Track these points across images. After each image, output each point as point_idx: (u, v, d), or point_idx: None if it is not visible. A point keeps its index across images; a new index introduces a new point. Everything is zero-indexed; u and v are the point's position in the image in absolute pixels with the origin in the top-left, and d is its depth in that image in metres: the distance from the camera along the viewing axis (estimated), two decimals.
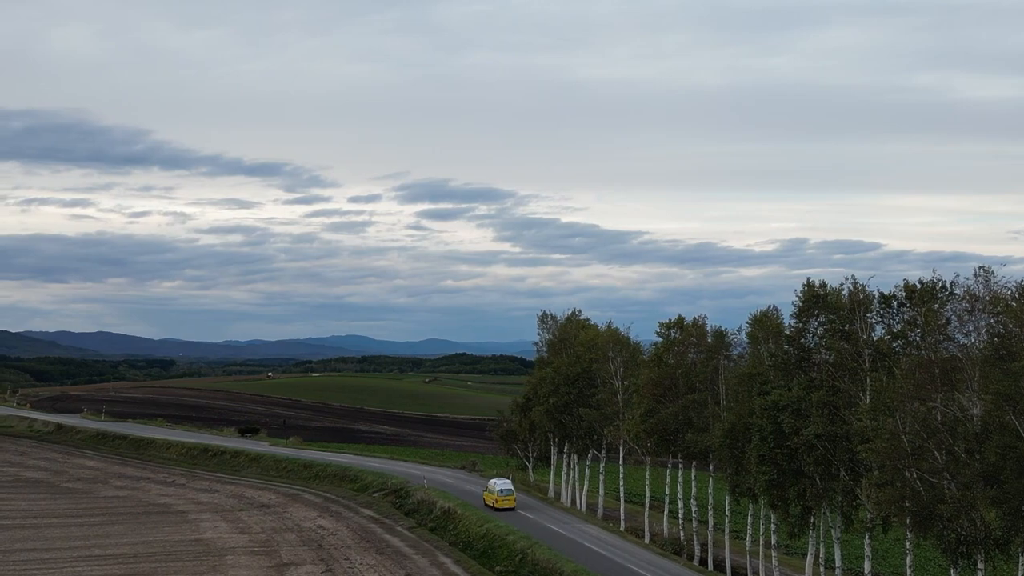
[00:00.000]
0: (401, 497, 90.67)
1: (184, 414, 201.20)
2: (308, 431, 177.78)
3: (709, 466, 70.37)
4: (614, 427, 79.21)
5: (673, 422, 68.66)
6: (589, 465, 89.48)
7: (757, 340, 62.18)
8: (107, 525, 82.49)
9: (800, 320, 56.86)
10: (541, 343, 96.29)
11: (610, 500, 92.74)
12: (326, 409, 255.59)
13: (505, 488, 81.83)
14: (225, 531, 79.38)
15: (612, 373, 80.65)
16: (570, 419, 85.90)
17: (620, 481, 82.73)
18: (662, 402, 69.58)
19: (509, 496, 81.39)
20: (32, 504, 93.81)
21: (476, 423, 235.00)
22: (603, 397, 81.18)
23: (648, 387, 70.66)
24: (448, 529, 77.40)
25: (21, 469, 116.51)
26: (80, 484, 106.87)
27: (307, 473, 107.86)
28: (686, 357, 70.56)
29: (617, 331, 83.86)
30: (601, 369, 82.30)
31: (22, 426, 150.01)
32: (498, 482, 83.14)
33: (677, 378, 69.50)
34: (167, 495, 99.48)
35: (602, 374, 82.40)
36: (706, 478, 73.37)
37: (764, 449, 55.22)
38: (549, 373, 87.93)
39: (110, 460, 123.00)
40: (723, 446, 61.68)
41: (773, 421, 54.57)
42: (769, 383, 57.29)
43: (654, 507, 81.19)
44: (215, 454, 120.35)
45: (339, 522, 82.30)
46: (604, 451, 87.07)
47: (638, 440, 74.07)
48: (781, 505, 57.16)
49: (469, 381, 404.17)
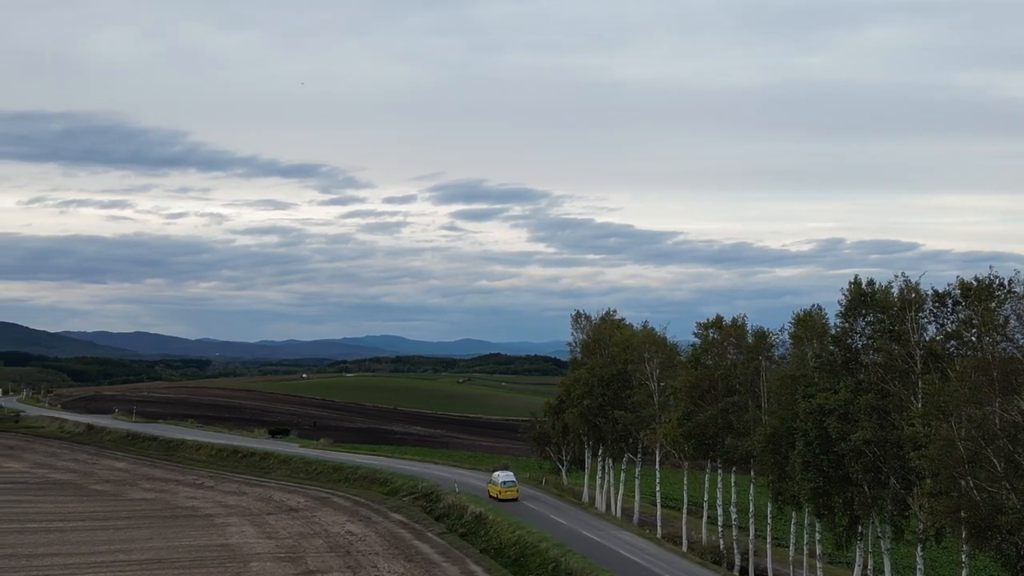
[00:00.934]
0: (432, 501, 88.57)
1: (217, 414, 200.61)
2: (341, 432, 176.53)
3: (750, 471, 67.65)
4: (650, 430, 76.64)
5: (712, 426, 65.99)
6: (624, 469, 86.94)
7: (801, 341, 59.48)
8: (133, 529, 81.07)
9: (846, 320, 54.14)
10: (575, 343, 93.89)
11: (646, 504, 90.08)
12: (359, 409, 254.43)
13: (508, 480, 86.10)
14: (252, 536, 77.66)
15: (648, 375, 78.09)
16: (605, 422, 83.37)
17: (656, 485, 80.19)
18: (700, 405, 66.94)
19: (512, 487, 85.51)
20: (59, 507, 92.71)
21: (509, 424, 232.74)
22: (639, 399, 78.61)
23: (686, 389, 68.04)
24: (479, 535, 75.19)
25: (50, 471, 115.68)
26: (108, 486, 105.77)
27: (337, 476, 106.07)
28: (725, 358, 67.88)
29: (653, 331, 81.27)
30: (637, 370, 79.73)
31: (53, 427, 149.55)
32: (501, 474, 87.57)
33: (716, 380, 66.84)
34: (195, 498, 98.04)
35: (638, 375, 79.83)
36: (746, 482, 70.65)
37: (809, 455, 52.52)
38: (583, 374, 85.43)
39: (140, 462, 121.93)
40: (765, 451, 58.97)
41: (819, 426, 51.87)
42: (814, 386, 54.58)
43: (692, 512, 78.59)
44: (245, 456, 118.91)
45: (368, 527, 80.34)
46: (640, 454, 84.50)
47: (675, 444, 71.45)
48: (827, 514, 54.43)
49: (503, 382, 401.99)
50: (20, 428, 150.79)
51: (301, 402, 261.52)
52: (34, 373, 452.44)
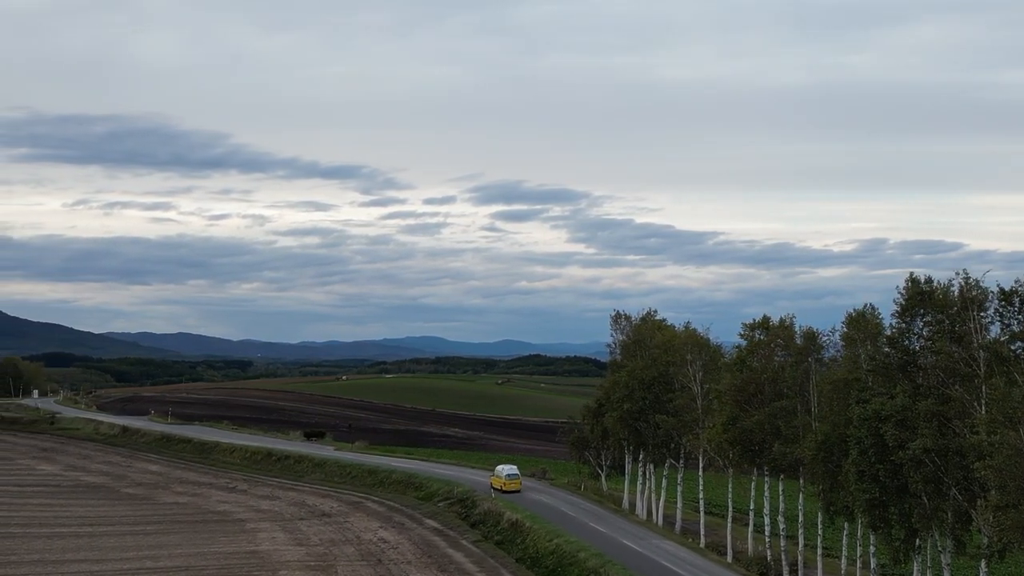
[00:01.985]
0: (467, 507, 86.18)
1: (254, 416, 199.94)
2: (378, 433, 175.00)
3: (799, 478, 64.38)
4: (693, 435, 73.60)
5: (759, 431, 62.76)
6: (666, 475, 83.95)
7: (853, 342, 56.24)
8: (163, 534, 79.50)
9: (903, 320, 50.84)
10: (614, 345, 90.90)
11: (688, 511, 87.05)
12: (398, 411, 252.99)
13: (512, 473, 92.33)
14: (282, 542, 75.73)
15: (691, 377, 75.00)
16: (645, 426, 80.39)
17: (699, 492, 77.15)
18: (746, 409, 63.73)
19: (515, 480, 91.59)
20: (90, 511, 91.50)
21: (548, 426, 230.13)
22: (681, 403, 75.53)
23: (730, 393, 64.84)
24: (515, 543, 72.67)
25: (83, 473, 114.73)
26: (140, 489, 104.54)
27: (371, 480, 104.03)
28: (772, 360, 64.65)
29: (696, 332, 78.10)
30: (679, 373, 76.65)
31: (88, 428, 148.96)
32: (505, 468, 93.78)
33: (763, 383, 63.58)
34: (227, 502, 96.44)
35: (680, 378, 76.76)
36: (795, 489, 67.46)
37: (864, 464, 49.29)
38: (623, 377, 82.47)
39: (173, 464, 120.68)
40: (816, 460, 55.77)
41: (874, 433, 48.65)
42: (868, 390, 51.38)
43: (737, 520, 75.44)
44: (279, 459, 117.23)
45: (401, 534, 78.08)
46: (682, 460, 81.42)
47: (720, 450, 68.33)
48: (883, 526, 51.16)
49: (542, 383, 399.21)
50: (56, 430, 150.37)
51: (339, 403, 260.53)
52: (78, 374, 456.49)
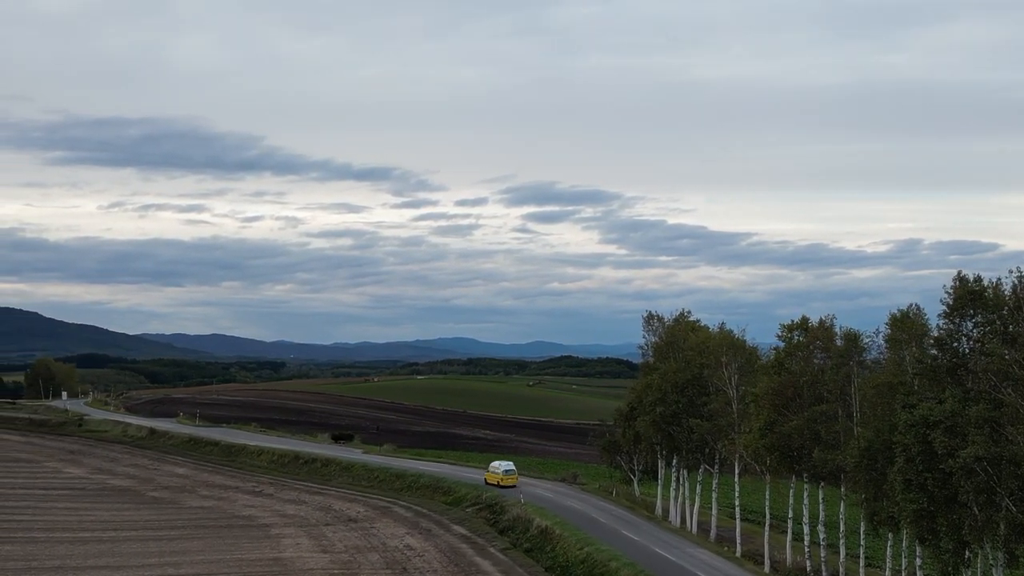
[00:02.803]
0: (496, 513, 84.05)
1: (284, 418, 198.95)
2: (408, 436, 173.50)
3: (840, 486, 61.72)
4: (729, 441, 71.09)
5: (798, 437, 60.28)
6: (700, 480, 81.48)
7: (898, 344, 53.66)
8: (186, 540, 77.96)
9: (951, 320, 48.32)
10: (646, 346, 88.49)
11: (724, 518, 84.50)
12: (429, 413, 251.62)
13: (509, 469, 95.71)
14: (306, 549, 73.92)
15: (726, 380, 72.52)
16: (679, 430, 77.96)
17: (735, 499, 74.65)
18: (784, 414, 61.24)
19: (512, 475, 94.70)
20: (114, 515, 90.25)
21: (580, 428, 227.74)
22: (716, 407, 73.08)
23: (768, 396, 62.32)
24: (545, 551, 70.41)
25: (109, 476, 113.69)
26: (166, 493, 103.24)
27: (399, 484, 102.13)
28: (811, 363, 62.08)
29: (731, 333, 75.63)
30: (714, 376, 74.16)
31: (116, 431, 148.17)
32: (502, 464, 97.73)
33: (802, 387, 61.09)
34: (253, 506, 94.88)
35: (715, 381, 74.28)
36: (836, 496, 64.86)
37: (911, 473, 46.77)
38: (655, 380, 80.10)
39: (200, 467, 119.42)
40: (859, 467, 53.25)
41: (922, 440, 46.14)
42: (915, 394, 48.85)
43: (775, 527, 72.89)
44: (306, 462, 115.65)
45: (428, 541, 76.05)
46: (717, 465, 78.88)
47: (757, 456, 65.80)
48: (931, 538, 48.56)
49: (574, 384, 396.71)
50: (84, 432, 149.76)
51: (370, 405, 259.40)
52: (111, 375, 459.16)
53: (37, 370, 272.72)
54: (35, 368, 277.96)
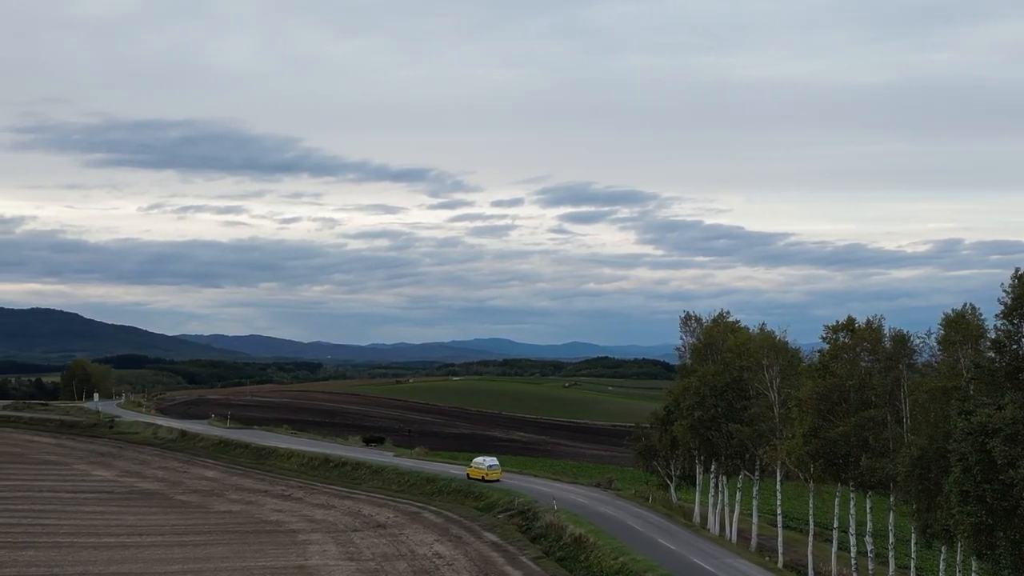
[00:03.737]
0: (528, 520, 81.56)
1: (318, 419, 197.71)
2: (442, 438, 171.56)
3: (889, 495, 58.55)
4: (771, 447, 68.11)
5: (844, 443, 57.28)
6: (740, 487, 78.51)
7: (952, 346, 50.59)
8: (212, 546, 76.22)
9: (1010, 321, 45.31)
10: (684, 348, 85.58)
11: (765, 526, 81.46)
12: (463, 414, 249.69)
13: (493, 464, 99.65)
14: (333, 556, 71.85)
15: (767, 384, 69.57)
16: (718, 436, 75.08)
17: (777, 507, 71.64)
18: (830, 419, 58.26)
19: (495, 470, 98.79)
20: (141, 519, 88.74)
21: (616, 430, 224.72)
22: (757, 411, 70.15)
23: (812, 401, 59.34)
24: (578, 560, 67.87)
25: (139, 479, 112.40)
26: (194, 497, 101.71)
27: (430, 488, 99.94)
28: (858, 366, 59.01)
29: (772, 335, 72.63)
30: (754, 379, 71.23)
31: (147, 433, 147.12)
32: (486, 459, 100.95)
33: (848, 391, 58.07)
34: (281, 511, 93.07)
35: (755, 384, 71.35)
36: (884, 504, 61.76)
37: (968, 484, 43.80)
38: (693, 383, 77.25)
39: (230, 470, 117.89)
40: (911, 477, 50.23)
41: (980, 448, 43.18)
42: (971, 400, 45.83)
43: (819, 536, 69.84)
44: (336, 465, 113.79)
45: (457, 548, 73.72)
46: (758, 472, 75.85)
47: (800, 464, 62.78)
48: (989, 553, 45.51)
49: (610, 385, 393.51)
50: (114, 434, 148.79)
51: (404, 406, 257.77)
52: (149, 376, 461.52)
53: (73, 371, 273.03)
54: (71, 369, 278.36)
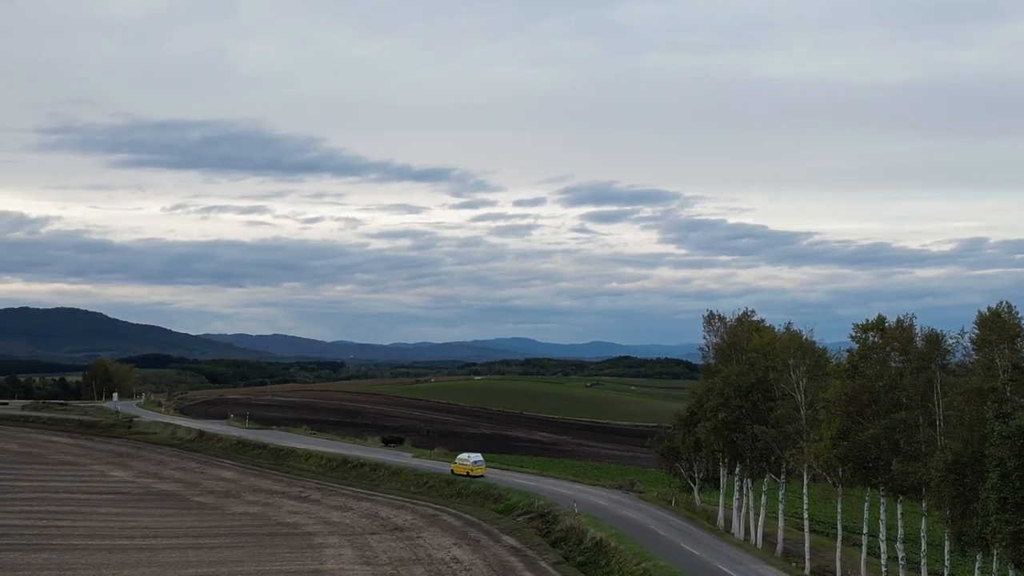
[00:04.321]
0: (548, 523, 79.88)
1: (337, 419, 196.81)
2: (463, 438, 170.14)
3: (922, 501, 56.41)
4: (797, 449, 66.07)
5: (874, 447, 55.24)
6: (765, 491, 76.52)
7: (988, 345, 48.55)
8: (227, 549, 74.96)
9: None
10: (707, 347, 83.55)
11: (791, 530, 79.44)
12: (485, 414, 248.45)
13: (477, 460, 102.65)
14: (348, 560, 70.41)
15: (794, 384, 67.57)
16: (743, 437, 73.10)
17: (804, 511, 69.62)
18: (859, 421, 56.22)
19: (480, 466, 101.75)
20: (156, 520, 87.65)
21: (638, 430, 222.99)
22: (783, 413, 68.14)
23: (840, 402, 57.29)
24: (599, 565, 66.16)
25: (156, 480, 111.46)
26: (211, 498, 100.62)
27: (449, 490, 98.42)
28: (888, 366, 56.92)
29: (799, 334, 70.55)
30: (780, 379, 69.20)
31: (166, 433, 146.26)
32: (471, 456, 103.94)
33: (877, 392, 56.02)
34: (298, 513, 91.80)
35: (781, 385, 69.34)
36: (916, 509, 59.67)
37: (1007, 490, 41.82)
38: (717, 383, 75.29)
39: (247, 471, 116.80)
40: (945, 482, 48.20)
41: (1019, 453, 41.19)
42: (1009, 402, 43.82)
43: (847, 540, 67.79)
44: (354, 466, 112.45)
45: (475, 553, 72.13)
46: (784, 475, 73.78)
47: (828, 467, 60.68)
48: None
49: (632, 385, 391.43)
50: (132, 434, 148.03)
51: (425, 406, 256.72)
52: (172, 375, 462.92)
53: (95, 371, 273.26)
54: (93, 369, 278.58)
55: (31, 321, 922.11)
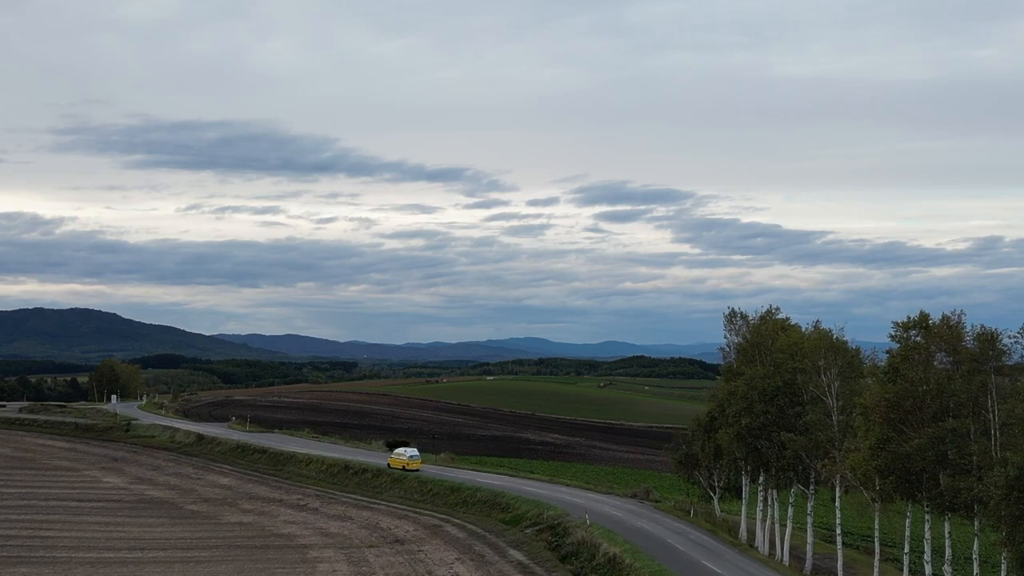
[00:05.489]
0: (558, 535, 74.51)
1: (344, 421, 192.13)
2: (473, 441, 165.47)
3: (975, 519, 50.76)
4: (829, 459, 60.51)
5: (920, 459, 49.70)
6: (792, 503, 70.98)
7: None
8: (215, 563, 70.04)
9: None
10: (728, 348, 78.02)
11: (821, 543, 73.86)
12: (496, 415, 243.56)
13: (413, 455, 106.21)
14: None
15: (825, 388, 62.04)
16: (768, 445, 67.54)
17: (837, 526, 64.07)
18: (901, 430, 50.68)
19: (416, 460, 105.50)
20: (146, 531, 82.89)
21: (652, 432, 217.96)
22: (812, 419, 62.58)
23: (880, 408, 51.69)
24: None
25: (149, 487, 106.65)
26: (205, 506, 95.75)
27: (454, 499, 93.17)
28: (933, 369, 51.36)
29: (829, 333, 64.95)
30: (809, 382, 63.66)
31: (164, 436, 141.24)
32: (407, 451, 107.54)
33: (922, 397, 50.48)
34: (295, 522, 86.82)
35: (811, 388, 63.78)
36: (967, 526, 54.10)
37: None
38: (740, 386, 69.75)
39: (245, 477, 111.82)
40: (1007, 501, 42.68)
41: None
42: None
43: (886, 557, 62.22)
44: (356, 472, 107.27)
45: (480, 569, 66.84)
46: (813, 486, 68.11)
47: (867, 480, 55.05)
48: None
49: (646, 385, 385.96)
50: (130, 438, 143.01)
51: (435, 407, 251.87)
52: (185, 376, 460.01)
53: (101, 371, 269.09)
54: (99, 369, 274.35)
55: (46, 322, 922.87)
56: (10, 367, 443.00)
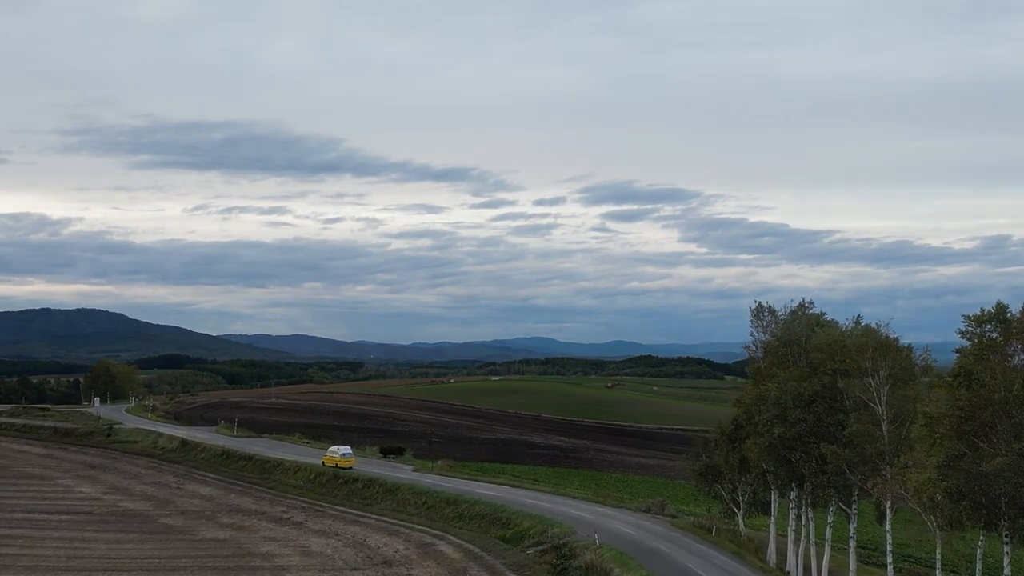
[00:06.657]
0: (564, 557, 66.29)
1: (342, 424, 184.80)
2: (475, 445, 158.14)
3: None
4: (880, 477, 52.19)
5: (1002, 481, 41.48)
6: (831, 521, 62.66)
7: None
8: None
9: None
10: (755, 346, 69.68)
11: (865, 567, 65.52)
12: (500, 417, 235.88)
13: (346, 452, 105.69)
14: None
15: (872, 393, 53.74)
16: (805, 458, 59.15)
17: (887, 552, 55.75)
18: (978, 446, 42.45)
19: (348, 458, 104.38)
20: (113, 548, 75.39)
21: (662, 434, 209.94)
22: (858, 428, 54.25)
23: (951, 419, 43.40)
24: None
25: (124, 497, 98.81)
26: (181, 520, 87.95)
27: (450, 512, 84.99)
28: (1014, 371, 43.12)
29: (877, 331, 56.61)
30: (853, 387, 55.27)
31: (147, 442, 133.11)
32: (340, 448, 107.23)
33: (1003, 406, 42.21)
34: (275, 539, 78.93)
35: (855, 394, 55.40)
36: None
37: None
38: (772, 391, 61.42)
39: (228, 486, 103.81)
40: None
41: None
42: None
43: None
44: (346, 482, 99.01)
45: None
46: (855, 506, 59.73)
47: (932, 504, 46.68)
48: None
49: (655, 385, 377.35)
50: (111, 443, 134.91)
51: (438, 409, 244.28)
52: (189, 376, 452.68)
53: (96, 372, 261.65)
54: (94, 371, 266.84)
55: (53, 322, 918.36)
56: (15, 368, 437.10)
